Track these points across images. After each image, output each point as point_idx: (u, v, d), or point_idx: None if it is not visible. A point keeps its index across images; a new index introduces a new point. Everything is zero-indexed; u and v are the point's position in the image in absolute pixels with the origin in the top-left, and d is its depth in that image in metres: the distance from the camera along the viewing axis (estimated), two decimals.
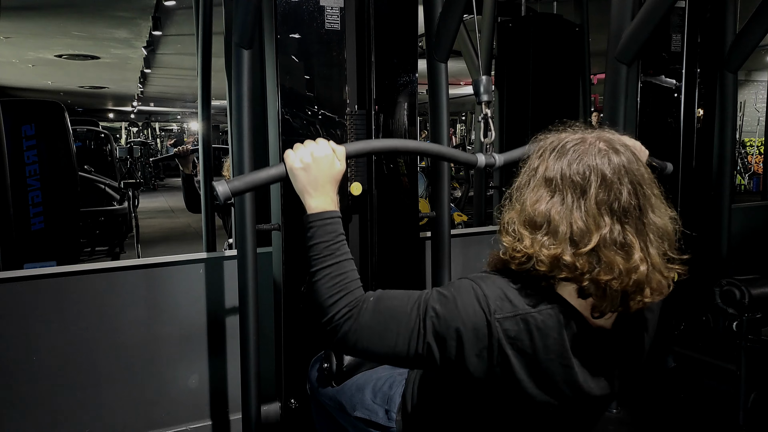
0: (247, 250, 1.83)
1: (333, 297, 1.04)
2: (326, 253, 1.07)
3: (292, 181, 1.13)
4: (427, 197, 5.77)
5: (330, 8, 1.93)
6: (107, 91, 14.40)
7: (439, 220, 2.23)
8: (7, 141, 3.09)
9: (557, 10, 4.58)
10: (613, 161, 0.95)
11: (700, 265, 3.12)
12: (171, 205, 10.32)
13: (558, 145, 1.00)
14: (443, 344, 0.98)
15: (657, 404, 2.60)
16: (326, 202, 1.11)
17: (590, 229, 0.92)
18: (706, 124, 2.92)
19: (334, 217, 1.10)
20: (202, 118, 3.13)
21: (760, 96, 12.43)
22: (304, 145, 1.13)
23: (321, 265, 1.06)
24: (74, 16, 6.65)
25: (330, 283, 1.05)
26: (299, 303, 1.98)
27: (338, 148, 1.14)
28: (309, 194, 1.11)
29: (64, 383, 2.11)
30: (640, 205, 0.95)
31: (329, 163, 1.11)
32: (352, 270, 1.08)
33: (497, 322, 0.95)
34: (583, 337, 0.98)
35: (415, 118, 2.17)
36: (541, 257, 0.94)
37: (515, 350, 0.95)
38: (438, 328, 0.98)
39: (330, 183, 1.12)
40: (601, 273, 0.92)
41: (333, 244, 1.08)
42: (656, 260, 0.94)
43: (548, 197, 0.96)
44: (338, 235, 1.09)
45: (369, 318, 1.02)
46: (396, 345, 1.00)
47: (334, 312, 1.03)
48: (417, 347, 0.99)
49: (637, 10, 2.16)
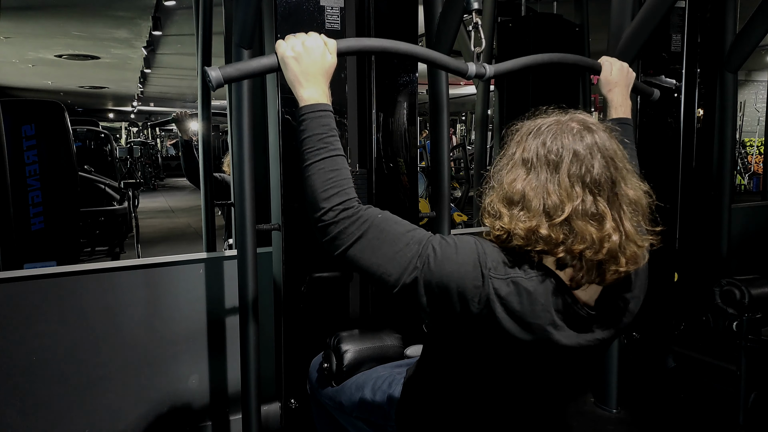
0: (247, 250, 1.83)
1: (327, 192, 1.04)
2: (320, 146, 1.07)
3: (284, 71, 1.12)
4: (427, 197, 5.78)
5: (330, 8, 1.93)
6: (107, 91, 14.39)
7: (439, 220, 2.23)
8: (7, 141, 3.09)
9: (557, 10, 4.58)
10: (586, 139, 1.00)
11: (700, 265, 3.14)
12: (171, 205, 10.32)
13: (534, 128, 1.04)
14: (434, 283, 1.00)
15: (657, 404, 2.60)
16: (318, 94, 1.10)
17: (563, 200, 0.96)
18: (706, 124, 2.92)
19: (327, 110, 1.10)
20: (202, 118, 3.13)
21: (760, 96, 12.43)
22: (296, 35, 1.12)
23: (314, 159, 1.06)
24: (74, 16, 6.65)
25: (324, 178, 1.05)
26: (299, 303, 1.98)
27: (330, 41, 1.14)
28: (301, 84, 1.10)
29: (64, 383, 2.11)
30: (612, 177, 0.98)
31: (321, 54, 1.11)
32: (345, 168, 1.08)
33: (490, 280, 0.98)
34: (567, 306, 1.01)
35: (415, 118, 2.17)
36: (517, 231, 0.98)
37: (503, 307, 0.98)
38: (433, 266, 1.00)
39: (322, 75, 1.12)
40: (575, 243, 0.95)
41: (326, 137, 1.08)
42: (629, 230, 0.98)
43: (524, 175, 1.01)
44: (331, 129, 1.09)
45: (367, 229, 1.02)
46: (386, 266, 1.01)
47: (328, 207, 1.03)
48: (406, 277, 1.01)
49: (637, 10, 2.16)
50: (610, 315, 1.07)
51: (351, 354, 1.57)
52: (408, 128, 2.14)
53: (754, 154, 11.96)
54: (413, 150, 2.19)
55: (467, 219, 6.16)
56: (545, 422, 1.21)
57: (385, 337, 1.67)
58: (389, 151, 2.12)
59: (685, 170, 2.87)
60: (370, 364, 1.56)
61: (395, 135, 2.13)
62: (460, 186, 8.18)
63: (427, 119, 4.96)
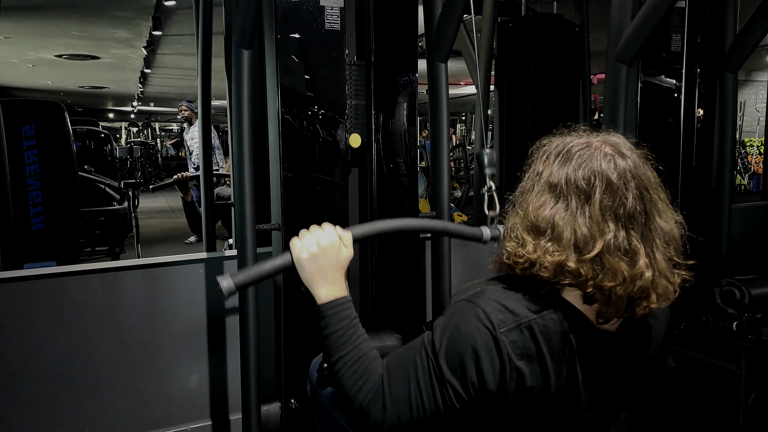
0: (247, 250, 1.83)
1: (356, 384, 1.01)
2: (343, 340, 1.04)
3: (299, 272, 1.09)
4: (427, 197, 5.78)
5: (330, 8, 1.93)
6: (107, 91, 14.39)
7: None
8: (7, 141, 3.09)
9: (557, 10, 4.58)
10: (619, 166, 0.94)
11: (700, 265, 3.12)
12: (171, 205, 10.31)
13: (563, 149, 0.99)
14: (462, 374, 0.95)
15: (657, 404, 2.60)
16: (336, 291, 1.08)
17: (594, 235, 0.91)
18: (706, 124, 2.92)
19: (345, 303, 1.07)
20: (202, 118, 3.13)
21: (760, 96, 12.43)
22: (310, 232, 1.10)
23: (339, 354, 1.03)
24: (74, 16, 6.65)
25: (351, 370, 1.02)
26: (299, 303, 1.98)
27: (344, 234, 1.11)
28: (318, 284, 1.08)
29: (64, 383, 2.11)
30: (646, 210, 0.94)
31: (336, 251, 1.09)
32: (370, 350, 1.05)
33: (503, 336, 0.93)
34: (588, 341, 0.97)
35: (415, 118, 2.17)
36: (545, 263, 0.93)
37: (525, 360, 0.94)
38: (451, 361, 0.96)
39: (338, 271, 1.09)
40: (605, 279, 0.91)
41: (348, 331, 1.05)
42: (662, 265, 0.94)
43: (552, 202, 0.95)
44: (352, 320, 1.06)
45: (388, 392, 0.99)
46: (421, 401, 0.97)
47: (361, 400, 1.00)
48: (442, 392, 0.96)
49: (637, 10, 2.16)
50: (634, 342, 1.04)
51: None
52: (408, 128, 2.14)
53: (754, 154, 11.96)
54: (413, 150, 2.19)
55: (467, 219, 6.16)
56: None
57: (385, 337, 1.67)
58: (389, 151, 2.12)
59: (685, 170, 2.87)
60: None
61: (395, 135, 2.13)
62: (460, 186, 8.18)
63: (427, 119, 4.96)
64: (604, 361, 1.00)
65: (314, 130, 1.95)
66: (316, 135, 1.98)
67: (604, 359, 1.00)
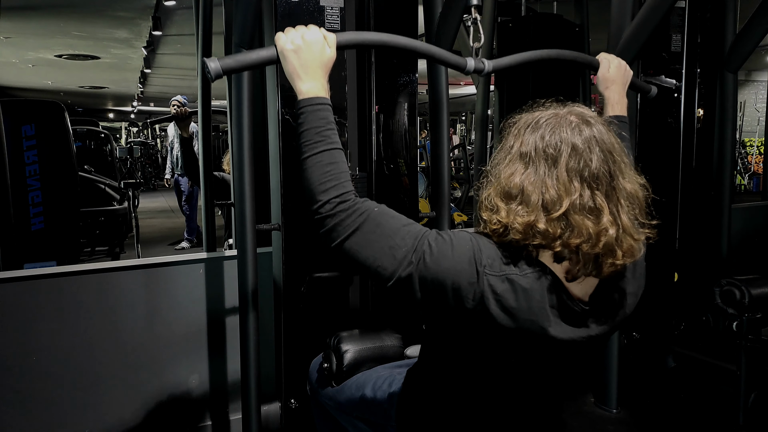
0: (247, 250, 1.83)
1: (324, 185, 1.04)
2: (317, 139, 1.07)
3: (283, 64, 1.12)
4: (427, 197, 5.78)
5: (330, 8, 1.93)
6: (107, 91, 14.40)
7: (439, 220, 2.23)
8: (7, 141, 3.09)
9: (557, 10, 4.58)
10: (584, 132, 0.99)
11: (700, 265, 3.14)
12: (171, 205, 10.32)
13: (532, 121, 1.04)
14: (429, 278, 0.99)
15: (657, 404, 2.60)
16: (317, 88, 1.10)
17: (561, 195, 0.96)
18: (706, 124, 2.92)
19: (325, 104, 1.10)
20: (203, 117, 3.13)
21: (760, 96, 12.43)
22: (296, 28, 1.12)
23: (312, 152, 1.06)
24: (74, 16, 6.65)
25: (321, 171, 1.05)
26: (299, 303, 1.98)
27: (329, 35, 1.14)
28: (299, 78, 1.10)
29: (64, 383, 2.11)
30: (611, 171, 0.98)
31: (320, 48, 1.11)
32: (342, 161, 1.08)
33: (485, 276, 0.98)
34: (561, 301, 1.01)
35: (415, 118, 2.17)
36: (515, 225, 0.98)
37: (498, 304, 0.98)
38: (428, 262, 1.00)
39: (321, 68, 1.11)
40: (572, 237, 0.95)
41: (324, 130, 1.08)
42: (626, 224, 0.98)
43: (522, 169, 1.00)
44: (329, 122, 1.09)
45: (363, 222, 1.02)
46: (382, 259, 1.01)
47: (325, 200, 1.03)
48: (401, 271, 1.00)
49: (637, 10, 2.16)
50: (606, 310, 1.07)
51: (351, 354, 1.57)
52: (408, 128, 2.14)
53: (754, 154, 11.96)
54: (413, 150, 2.19)
55: (467, 219, 6.16)
56: (543, 419, 1.22)
57: (385, 338, 1.67)
58: (389, 151, 2.12)
59: (685, 170, 2.87)
60: (370, 365, 1.56)
61: (395, 135, 2.13)
62: (460, 186, 8.18)
63: (427, 119, 4.96)
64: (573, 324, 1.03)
65: None
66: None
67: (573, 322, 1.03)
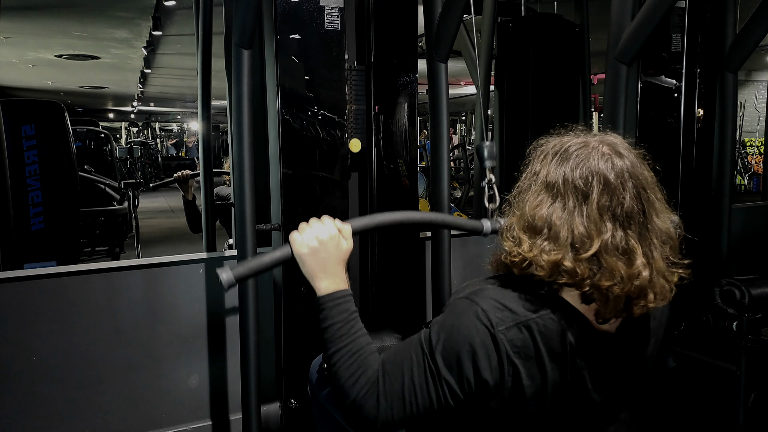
0: (247, 250, 1.83)
1: (352, 377, 1.01)
2: (341, 333, 1.05)
3: (300, 266, 1.10)
4: (427, 197, 5.78)
5: (330, 8, 1.93)
6: (107, 91, 14.39)
7: None
8: (7, 141, 3.09)
9: (557, 10, 4.58)
10: (617, 165, 0.94)
11: (700, 265, 3.13)
12: (171, 205, 10.31)
13: (560, 149, 0.99)
14: (459, 371, 0.95)
15: (657, 404, 2.60)
16: (336, 283, 1.08)
17: (591, 234, 0.91)
18: (706, 124, 2.92)
19: (345, 296, 1.08)
20: (202, 118, 3.13)
21: (760, 96, 12.42)
22: (309, 225, 1.10)
23: (336, 346, 1.04)
24: (74, 16, 6.65)
25: (347, 363, 1.02)
26: (299, 303, 1.98)
27: (344, 227, 1.11)
28: (318, 278, 1.08)
29: (64, 383, 2.11)
30: (644, 209, 0.93)
31: (335, 244, 1.09)
32: (368, 345, 1.05)
33: (501, 335, 0.93)
34: (587, 340, 0.97)
35: (415, 118, 2.17)
36: (541, 262, 0.93)
37: (523, 359, 0.94)
38: (448, 358, 0.96)
39: (339, 264, 1.09)
40: (603, 279, 0.91)
41: (346, 324, 1.05)
42: (659, 265, 0.94)
43: (549, 202, 0.95)
44: (351, 314, 1.07)
45: (382, 387, 0.99)
46: (416, 396, 0.97)
47: (356, 393, 1.00)
48: (436, 389, 0.96)
49: (637, 10, 2.15)
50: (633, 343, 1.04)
51: None
52: (408, 129, 2.14)
53: (754, 154, 11.96)
54: (413, 150, 2.19)
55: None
56: None
57: (385, 337, 1.67)
58: (389, 151, 2.12)
59: (685, 170, 2.87)
60: None
61: (395, 135, 2.13)
62: (460, 186, 8.18)
63: (427, 119, 4.96)
64: (603, 362, 1.00)
65: (314, 130, 1.96)
66: (316, 134, 1.98)
67: (603, 359, 1.00)
